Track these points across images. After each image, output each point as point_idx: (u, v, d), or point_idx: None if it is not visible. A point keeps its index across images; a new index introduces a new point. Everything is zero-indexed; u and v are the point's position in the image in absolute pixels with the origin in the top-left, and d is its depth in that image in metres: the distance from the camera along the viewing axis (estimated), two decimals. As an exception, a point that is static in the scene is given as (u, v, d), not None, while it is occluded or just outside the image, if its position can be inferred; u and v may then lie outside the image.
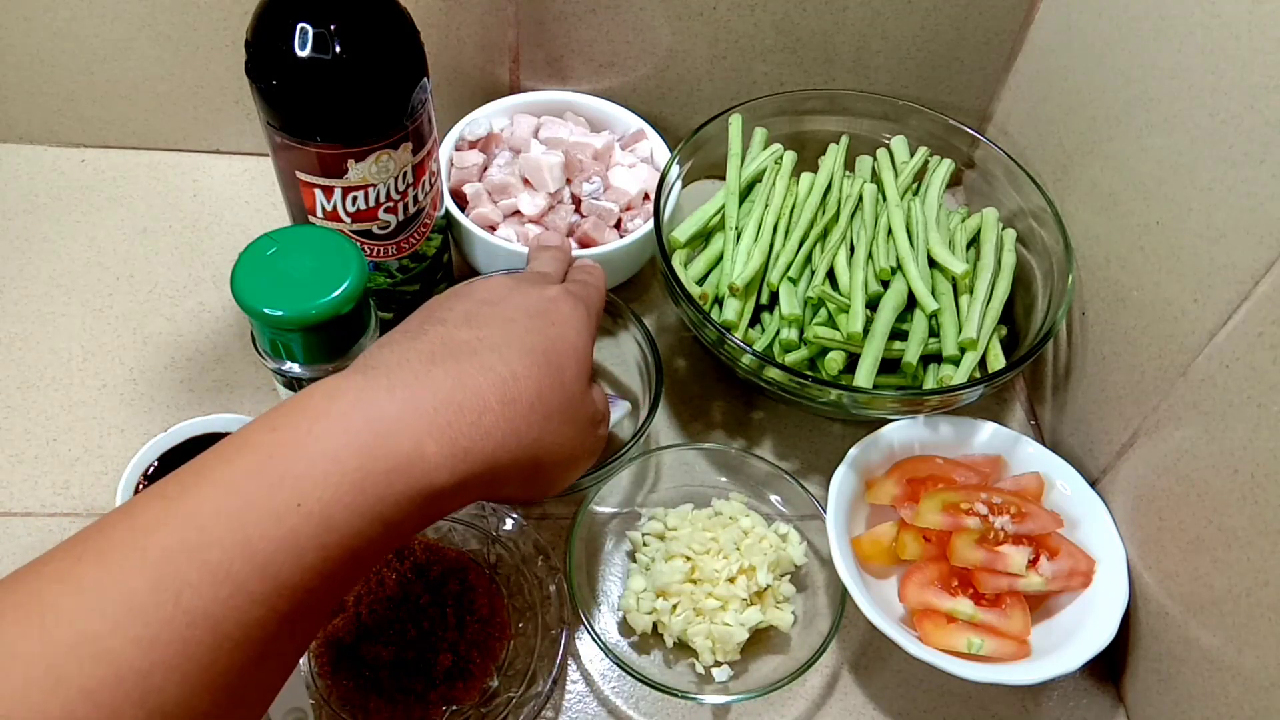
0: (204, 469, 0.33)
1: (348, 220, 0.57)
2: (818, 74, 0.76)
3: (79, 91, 0.75)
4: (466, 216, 0.67)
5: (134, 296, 0.70)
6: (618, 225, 0.70)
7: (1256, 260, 0.47)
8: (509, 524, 0.58)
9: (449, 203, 0.67)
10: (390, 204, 0.57)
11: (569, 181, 0.70)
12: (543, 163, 0.68)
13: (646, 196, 0.71)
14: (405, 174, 0.57)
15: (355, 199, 0.56)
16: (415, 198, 0.59)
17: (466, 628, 0.53)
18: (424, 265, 0.64)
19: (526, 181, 0.70)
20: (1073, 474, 0.60)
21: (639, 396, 0.65)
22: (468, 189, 0.69)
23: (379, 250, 0.60)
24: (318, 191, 0.56)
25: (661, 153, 0.74)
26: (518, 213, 0.69)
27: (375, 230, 0.59)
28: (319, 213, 0.57)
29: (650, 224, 0.66)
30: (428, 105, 0.56)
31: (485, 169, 0.71)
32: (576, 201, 0.70)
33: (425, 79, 0.55)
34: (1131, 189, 0.59)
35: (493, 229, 0.68)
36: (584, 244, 0.68)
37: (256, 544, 0.31)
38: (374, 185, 0.56)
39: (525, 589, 0.57)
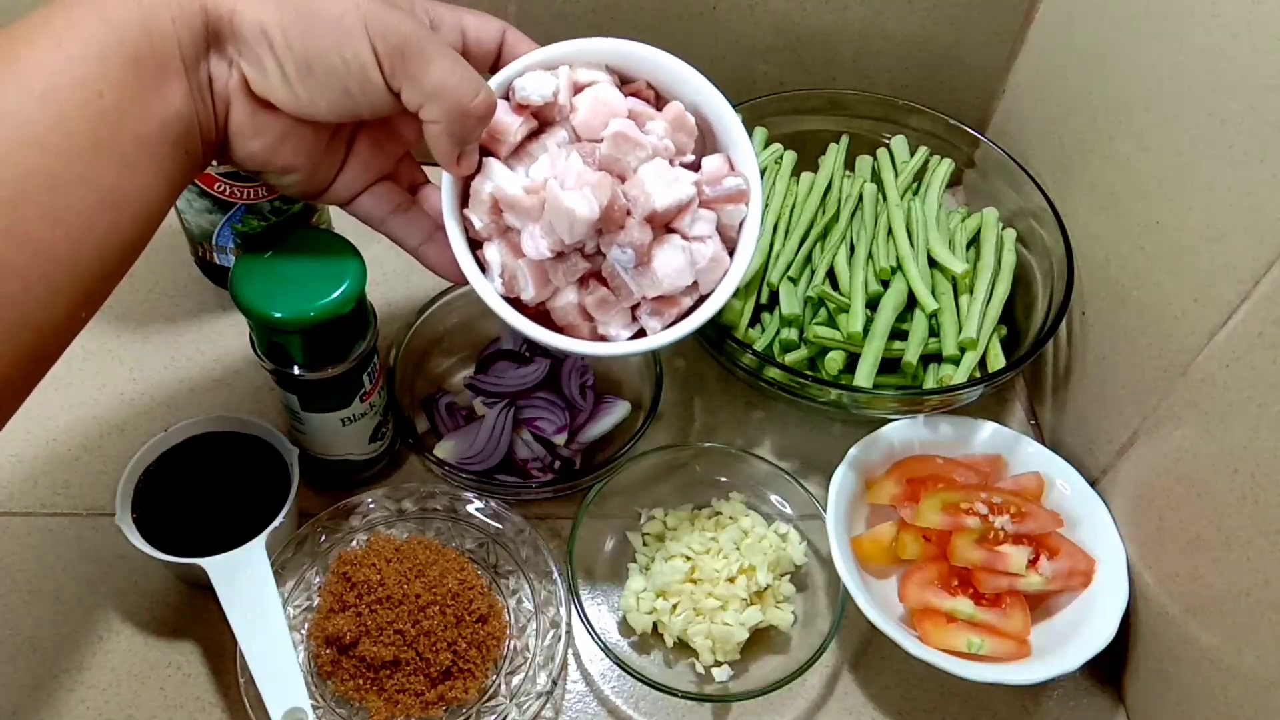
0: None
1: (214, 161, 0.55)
2: (818, 74, 0.76)
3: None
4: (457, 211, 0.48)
5: (134, 296, 0.70)
6: (633, 308, 0.50)
7: (1256, 260, 0.47)
8: (509, 524, 0.58)
9: (446, 175, 0.47)
10: None
11: (599, 233, 0.47)
12: (572, 210, 0.45)
13: (695, 287, 0.49)
14: None
15: None
16: None
17: (466, 627, 0.53)
18: (297, 207, 0.64)
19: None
20: (1073, 474, 0.60)
21: (639, 396, 0.65)
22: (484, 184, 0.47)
23: (249, 192, 0.61)
24: None
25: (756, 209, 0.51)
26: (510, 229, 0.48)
27: (243, 171, 0.49)
28: None
29: (673, 334, 0.49)
30: None
31: (525, 144, 0.49)
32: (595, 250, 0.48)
33: None
34: (1131, 189, 0.59)
35: (477, 245, 0.49)
36: (565, 330, 0.49)
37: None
38: None
39: (525, 588, 0.57)
